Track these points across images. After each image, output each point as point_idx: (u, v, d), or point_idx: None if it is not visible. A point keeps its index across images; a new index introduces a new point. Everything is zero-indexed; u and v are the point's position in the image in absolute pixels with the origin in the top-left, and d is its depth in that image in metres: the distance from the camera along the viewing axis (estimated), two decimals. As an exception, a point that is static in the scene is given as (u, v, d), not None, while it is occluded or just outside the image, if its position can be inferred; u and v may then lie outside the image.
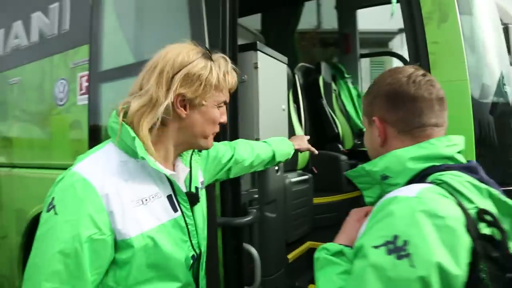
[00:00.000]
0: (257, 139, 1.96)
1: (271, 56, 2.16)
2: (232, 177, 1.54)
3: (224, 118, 1.14)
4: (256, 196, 2.00)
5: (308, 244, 2.64)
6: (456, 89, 1.40)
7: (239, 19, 2.96)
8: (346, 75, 4.42)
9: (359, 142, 4.14)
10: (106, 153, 1.03)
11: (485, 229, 0.79)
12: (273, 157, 1.66)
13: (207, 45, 1.73)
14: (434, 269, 0.71)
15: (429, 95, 0.95)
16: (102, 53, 2.38)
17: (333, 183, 3.25)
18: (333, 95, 4.17)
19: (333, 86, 4.27)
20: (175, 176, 1.10)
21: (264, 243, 2.00)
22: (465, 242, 0.75)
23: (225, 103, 1.14)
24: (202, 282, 1.19)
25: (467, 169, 0.90)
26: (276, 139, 1.75)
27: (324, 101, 3.75)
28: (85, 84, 2.49)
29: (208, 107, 1.08)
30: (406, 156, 0.93)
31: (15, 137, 3.13)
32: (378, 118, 1.01)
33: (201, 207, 1.20)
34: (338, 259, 0.94)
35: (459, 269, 0.72)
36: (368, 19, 5.46)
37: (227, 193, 1.80)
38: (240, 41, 2.16)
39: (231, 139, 1.82)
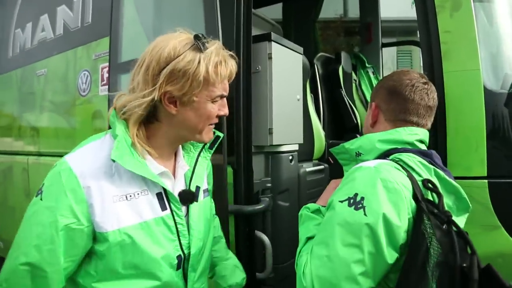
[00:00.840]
0: (270, 129, 1.98)
1: (286, 47, 2.16)
2: None
3: (224, 111, 1.10)
4: (269, 185, 2.03)
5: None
6: (468, 79, 1.38)
7: (258, 10, 2.98)
8: (368, 65, 4.35)
9: (379, 133, 4.09)
10: (100, 145, 1.04)
11: (429, 196, 1.06)
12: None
13: (220, 36, 1.75)
14: (380, 218, 0.95)
15: (420, 100, 1.18)
16: (122, 45, 2.45)
17: (350, 174, 3.24)
18: (353, 85, 4.12)
19: (354, 76, 4.22)
20: (165, 175, 1.08)
21: (277, 231, 2.03)
22: (407, 201, 0.99)
23: (222, 96, 1.08)
24: (196, 284, 1.13)
25: (422, 153, 1.15)
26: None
27: (343, 91, 3.71)
28: (106, 75, 2.57)
29: (200, 103, 1.03)
30: (375, 138, 1.17)
31: (42, 127, 3.26)
32: (376, 104, 1.26)
33: (202, 208, 1.17)
34: (315, 215, 1.21)
35: (400, 221, 0.96)
36: (392, 8, 5.36)
37: (239, 181, 1.83)
38: (257, 32, 2.18)
39: (245, 129, 1.85)
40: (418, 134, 1.19)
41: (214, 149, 1.23)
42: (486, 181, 1.37)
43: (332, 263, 0.95)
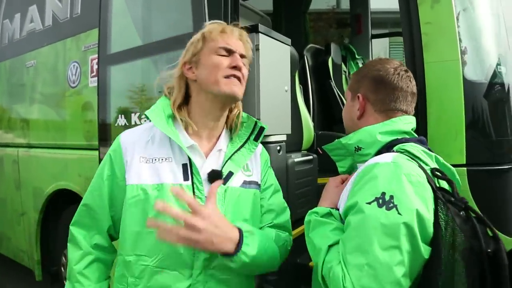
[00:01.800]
0: (258, 120, 2.01)
1: (274, 38, 2.18)
2: None
3: (236, 62, 1.17)
4: (257, 174, 2.06)
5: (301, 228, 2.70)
6: (448, 69, 1.42)
7: (249, 1, 2.99)
8: (357, 56, 4.39)
9: (368, 124, 4.14)
10: (149, 122, 1.25)
11: (441, 184, 1.05)
12: None
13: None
14: (414, 215, 0.92)
15: (406, 88, 1.18)
16: (111, 36, 2.46)
17: (339, 164, 3.29)
18: (343, 76, 4.16)
19: (344, 67, 4.26)
20: (195, 149, 1.18)
21: (265, 220, 2.07)
22: (430, 192, 0.97)
23: (228, 50, 1.17)
24: (211, 271, 1.11)
25: (419, 141, 1.14)
26: None
27: (333, 83, 3.75)
28: (96, 66, 2.58)
29: (206, 59, 1.17)
30: (376, 131, 1.14)
31: (31, 118, 3.26)
32: (362, 95, 1.21)
33: (232, 195, 1.17)
34: (327, 219, 1.08)
35: (429, 214, 0.94)
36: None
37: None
38: (246, 23, 2.19)
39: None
40: (412, 123, 1.19)
41: (259, 141, 1.28)
42: (465, 168, 1.41)
43: (374, 271, 0.89)
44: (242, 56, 1.21)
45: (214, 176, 1.16)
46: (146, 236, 1.10)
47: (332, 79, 3.78)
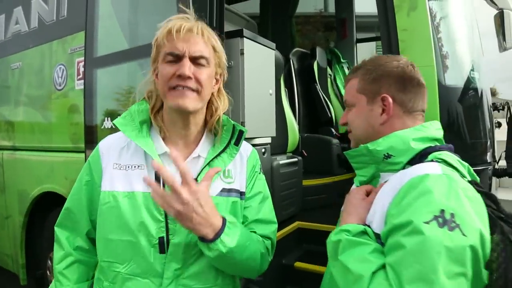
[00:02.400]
0: (243, 123, 2.05)
1: (258, 43, 2.23)
2: None
3: (181, 70, 1.05)
4: (242, 176, 2.10)
5: (296, 224, 2.75)
6: (423, 75, 1.47)
7: (236, 5, 3.03)
8: (343, 60, 4.46)
9: (353, 127, 4.21)
10: None
11: None
12: None
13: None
14: (478, 235, 0.81)
15: (424, 84, 1.10)
16: (98, 39, 2.47)
17: (324, 166, 3.35)
18: (328, 80, 4.22)
19: (329, 71, 4.32)
20: (166, 156, 1.12)
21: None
22: (485, 209, 0.87)
23: (171, 54, 1.06)
24: (184, 281, 1.08)
25: (450, 149, 1.04)
26: None
27: (318, 86, 3.81)
28: (82, 69, 2.58)
29: (159, 65, 1.10)
30: (409, 137, 1.01)
31: (17, 121, 3.24)
32: (391, 95, 1.06)
33: None
34: (362, 239, 0.91)
35: (488, 233, 0.83)
36: (370, 3, 5.46)
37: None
38: (233, 27, 2.24)
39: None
40: (441, 129, 1.08)
41: (239, 145, 1.20)
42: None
43: None
44: (196, 58, 1.08)
45: None
46: (117, 244, 1.09)
47: (318, 82, 3.84)
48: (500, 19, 2.03)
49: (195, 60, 1.08)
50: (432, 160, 0.95)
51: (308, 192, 3.03)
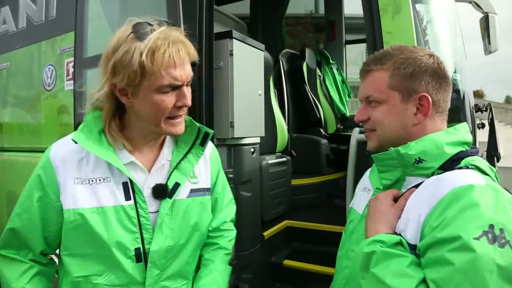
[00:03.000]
0: (232, 123, 2.07)
1: (247, 44, 2.25)
2: None
3: (183, 101, 1.03)
4: (231, 176, 2.13)
5: (285, 223, 2.78)
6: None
7: (226, 6, 3.05)
8: (332, 61, 4.51)
9: (341, 127, 4.26)
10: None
11: None
12: None
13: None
14: None
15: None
16: (87, 40, 2.47)
17: (313, 166, 3.38)
18: (318, 81, 4.27)
19: (318, 72, 4.37)
20: (136, 166, 1.09)
21: (239, 220, 2.13)
22: None
23: (171, 86, 1.00)
24: (165, 282, 1.10)
25: (477, 153, 0.99)
26: None
27: (307, 87, 3.85)
28: (72, 70, 2.58)
29: (146, 93, 1.00)
30: (443, 141, 0.95)
31: (5, 122, 3.22)
32: (430, 95, 0.97)
33: (183, 206, 1.13)
34: (399, 251, 0.84)
35: None
36: (356, 5, 5.53)
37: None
38: (222, 29, 2.26)
39: (207, 123, 1.94)
40: (469, 131, 1.02)
41: (205, 146, 1.18)
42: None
43: None
44: (188, 82, 1.05)
45: (158, 191, 1.09)
46: (93, 257, 1.05)
47: (307, 83, 3.89)
48: (485, 22, 2.08)
49: (187, 83, 1.05)
50: (467, 167, 0.90)
51: (297, 192, 3.07)
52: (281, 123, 3.03)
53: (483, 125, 2.27)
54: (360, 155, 2.03)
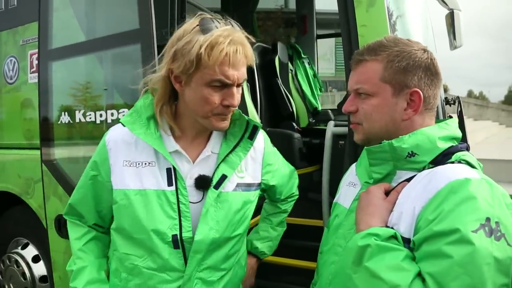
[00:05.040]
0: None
1: (220, 36, 2.22)
2: None
3: (229, 101, 1.05)
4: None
5: (259, 218, 2.77)
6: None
7: (197, 0, 2.99)
8: (303, 56, 4.52)
9: (313, 121, 4.29)
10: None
11: None
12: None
13: (153, 24, 1.77)
14: None
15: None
16: (52, 30, 2.37)
17: (286, 160, 3.38)
18: (290, 75, 4.27)
19: (290, 66, 4.38)
20: (180, 154, 1.13)
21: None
22: None
23: (221, 82, 1.03)
24: (203, 274, 1.13)
25: (467, 148, 1.00)
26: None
27: (280, 81, 3.85)
28: (36, 62, 2.47)
29: (197, 84, 1.05)
30: (435, 135, 0.95)
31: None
32: (421, 90, 0.96)
33: (228, 199, 1.15)
34: (393, 244, 0.83)
35: None
36: (327, 0, 5.57)
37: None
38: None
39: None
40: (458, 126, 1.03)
41: (253, 140, 1.19)
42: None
43: None
44: (240, 84, 1.08)
45: (201, 182, 1.12)
46: (132, 239, 1.12)
47: (279, 77, 3.88)
48: (450, 18, 2.14)
49: (238, 85, 1.08)
50: (459, 162, 0.92)
51: (271, 186, 3.06)
52: (254, 117, 3.02)
53: (450, 118, 2.33)
54: (335, 148, 2.04)
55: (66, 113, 2.27)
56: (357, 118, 1.04)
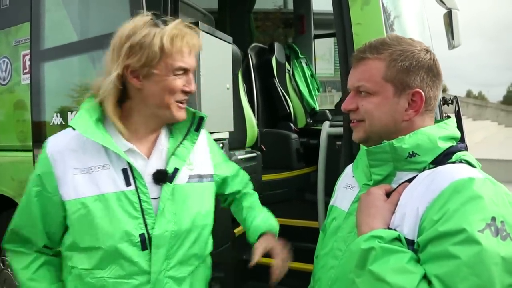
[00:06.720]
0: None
1: (215, 36, 2.19)
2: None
3: (190, 87, 1.11)
4: (200, 172, 2.07)
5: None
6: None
7: (192, 1, 2.97)
8: (301, 55, 4.50)
9: (311, 121, 4.26)
10: None
11: None
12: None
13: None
14: None
15: None
16: (44, 31, 2.34)
17: (283, 161, 3.37)
18: (287, 75, 4.25)
19: (287, 66, 4.35)
20: (134, 152, 1.11)
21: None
22: None
23: (185, 70, 1.09)
24: (171, 271, 1.11)
25: (466, 149, 0.99)
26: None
27: (277, 81, 3.83)
28: (28, 62, 2.44)
29: (160, 75, 1.07)
30: (436, 135, 0.94)
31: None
32: (424, 91, 0.95)
33: (184, 191, 1.15)
34: (398, 247, 0.81)
35: None
36: (325, 1, 5.55)
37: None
38: (188, 21, 2.18)
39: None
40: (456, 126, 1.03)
41: (200, 131, 1.22)
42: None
43: None
44: (192, 71, 1.14)
45: (159, 176, 1.12)
46: (97, 250, 1.06)
47: (276, 77, 3.86)
48: (448, 18, 2.11)
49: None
50: (460, 161, 0.90)
51: (268, 187, 3.04)
52: (251, 118, 2.99)
53: (448, 118, 2.31)
54: (330, 149, 2.01)
55: (58, 114, 2.24)
56: (358, 115, 1.01)
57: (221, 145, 2.22)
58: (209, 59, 2.09)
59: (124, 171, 1.08)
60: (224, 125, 2.28)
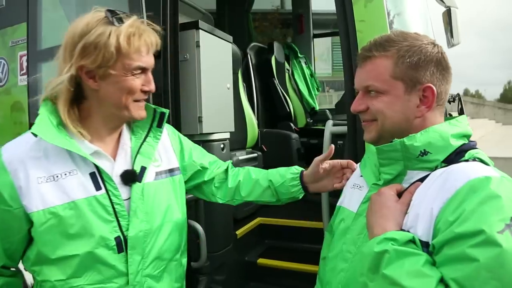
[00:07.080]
0: (200, 118, 1.98)
1: (214, 35, 2.16)
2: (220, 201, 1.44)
3: (149, 87, 1.08)
4: (201, 173, 2.04)
5: (258, 220, 2.72)
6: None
7: (192, 1, 2.94)
8: (300, 55, 4.48)
9: (311, 121, 4.24)
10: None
11: None
12: (269, 185, 1.42)
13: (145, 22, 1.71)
14: None
15: None
16: (41, 31, 2.31)
17: (284, 161, 3.32)
18: (286, 74, 4.23)
19: (287, 65, 4.33)
20: (100, 155, 1.07)
21: (210, 220, 2.05)
22: None
23: (143, 69, 1.06)
24: (148, 270, 1.09)
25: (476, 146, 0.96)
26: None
27: (276, 81, 3.80)
28: (25, 63, 2.41)
29: (118, 76, 1.03)
30: (448, 132, 0.91)
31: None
32: (435, 86, 0.92)
33: (153, 189, 1.14)
34: (412, 249, 0.78)
35: None
36: (323, 1, 5.54)
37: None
38: (187, 20, 2.15)
39: (174, 118, 1.84)
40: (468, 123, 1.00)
41: (163, 127, 1.20)
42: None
43: None
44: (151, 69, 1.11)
45: (128, 177, 1.09)
46: (72, 258, 1.01)
47: (276, 77, 3.83)
48: (447, 16, 2.09)
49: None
50: (473, 159, 0.87)
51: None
52: (251, 118, 2.96)
53: (450, 116, 2.28)
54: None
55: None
56: (370, 115, 0.98)
57: (222, 145, 2.19)
58: (208, 58, 2.06)
59: (93, 175, 1.03)
60: (225, 125, 2.26)
